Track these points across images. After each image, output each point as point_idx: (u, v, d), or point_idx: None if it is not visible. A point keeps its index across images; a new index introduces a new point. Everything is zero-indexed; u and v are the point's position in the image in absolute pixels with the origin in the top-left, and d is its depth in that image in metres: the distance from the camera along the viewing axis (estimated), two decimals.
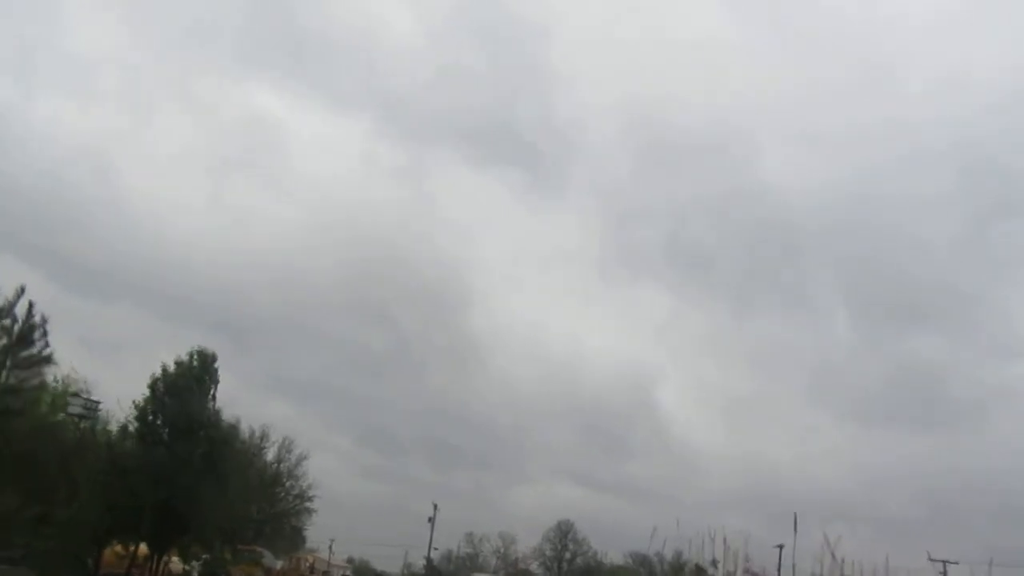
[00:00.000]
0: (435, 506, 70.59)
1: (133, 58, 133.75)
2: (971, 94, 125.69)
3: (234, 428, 38.44)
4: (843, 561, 75.01)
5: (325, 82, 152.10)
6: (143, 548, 37.68)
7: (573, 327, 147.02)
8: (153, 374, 34.99)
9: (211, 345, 36.63)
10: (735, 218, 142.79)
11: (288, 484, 66.52)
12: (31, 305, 29.79)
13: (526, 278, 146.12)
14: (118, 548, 40.36)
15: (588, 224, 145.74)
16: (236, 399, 36.51)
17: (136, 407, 34.71)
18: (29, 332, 29.48)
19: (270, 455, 56.51)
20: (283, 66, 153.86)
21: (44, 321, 30.05)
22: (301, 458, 63.96)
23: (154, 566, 38.28)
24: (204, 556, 45.68)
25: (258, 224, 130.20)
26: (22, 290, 30.03)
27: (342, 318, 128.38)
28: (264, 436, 55.14)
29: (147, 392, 34.62)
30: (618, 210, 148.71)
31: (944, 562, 62.74)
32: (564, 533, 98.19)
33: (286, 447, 64.74)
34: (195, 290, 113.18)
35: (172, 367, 35.09)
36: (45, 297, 31.32)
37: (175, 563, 45.10)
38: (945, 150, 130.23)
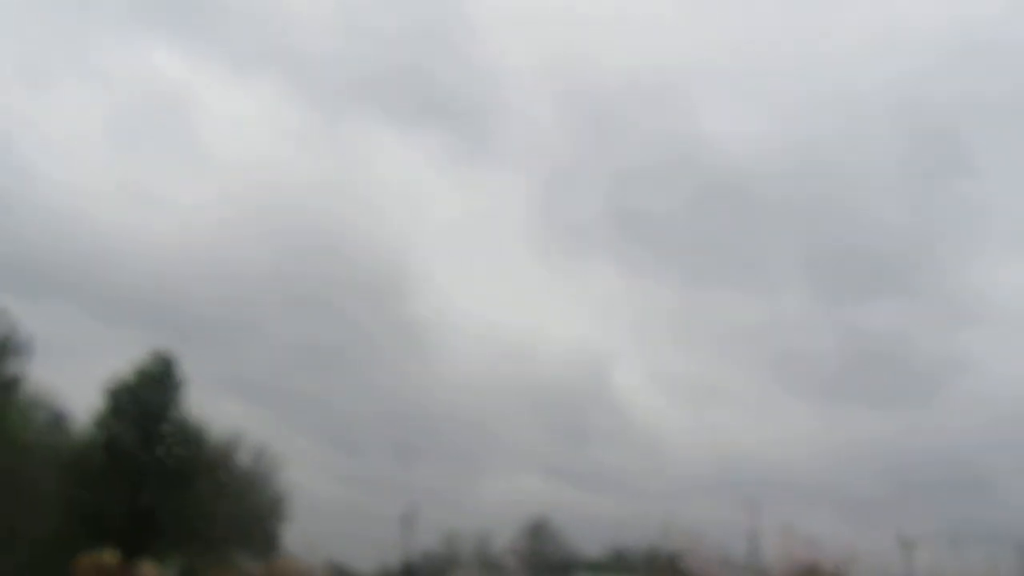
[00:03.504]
0: (412, 506, 70.82)
1: (14, 19, 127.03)
2: (908, 53, 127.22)
3: (201, 431, 38.45)
4: (808, 544, 76.26)
5: (227, 42, 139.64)
6: (115, 556, 37.62)
7: (522, 303, 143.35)
8: (110, 380, 34.79)
9: (149, 344, 36.31)
10: (681, 184, 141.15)
11: (263, 491, 66.39)
12: None
13: (467, 256, 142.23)
14: (93, 558, 40.24)
15: (528, 194, 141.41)
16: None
17: (98, 415, 34.55)
18: None
19: (242, 459, 56.34)
20: (180, 24, 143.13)
21: None
22: (274, 464, 63.98)
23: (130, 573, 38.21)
24: (178, 560, 45.65)
25: (176, 209, 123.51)
26: None
27: (284, 312, 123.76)
28: (234, 439, 55.04)
29: (106, 398, 34.49)
30: (557, 178, 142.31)
31: (906, 543, 64.30)
32: (540, 528, 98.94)
33: (259, 452, 64.75)
34: (124, 285, 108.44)
35: (128, 370, 34.93)
36: None
37: (148, 568, 44.92)
38: (888, 112, 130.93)
